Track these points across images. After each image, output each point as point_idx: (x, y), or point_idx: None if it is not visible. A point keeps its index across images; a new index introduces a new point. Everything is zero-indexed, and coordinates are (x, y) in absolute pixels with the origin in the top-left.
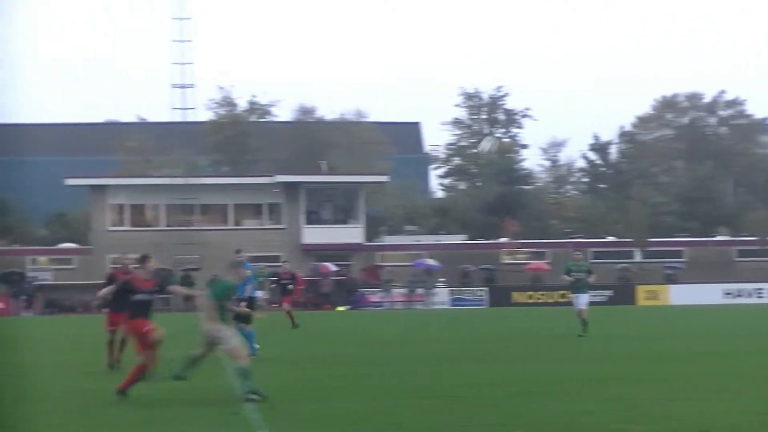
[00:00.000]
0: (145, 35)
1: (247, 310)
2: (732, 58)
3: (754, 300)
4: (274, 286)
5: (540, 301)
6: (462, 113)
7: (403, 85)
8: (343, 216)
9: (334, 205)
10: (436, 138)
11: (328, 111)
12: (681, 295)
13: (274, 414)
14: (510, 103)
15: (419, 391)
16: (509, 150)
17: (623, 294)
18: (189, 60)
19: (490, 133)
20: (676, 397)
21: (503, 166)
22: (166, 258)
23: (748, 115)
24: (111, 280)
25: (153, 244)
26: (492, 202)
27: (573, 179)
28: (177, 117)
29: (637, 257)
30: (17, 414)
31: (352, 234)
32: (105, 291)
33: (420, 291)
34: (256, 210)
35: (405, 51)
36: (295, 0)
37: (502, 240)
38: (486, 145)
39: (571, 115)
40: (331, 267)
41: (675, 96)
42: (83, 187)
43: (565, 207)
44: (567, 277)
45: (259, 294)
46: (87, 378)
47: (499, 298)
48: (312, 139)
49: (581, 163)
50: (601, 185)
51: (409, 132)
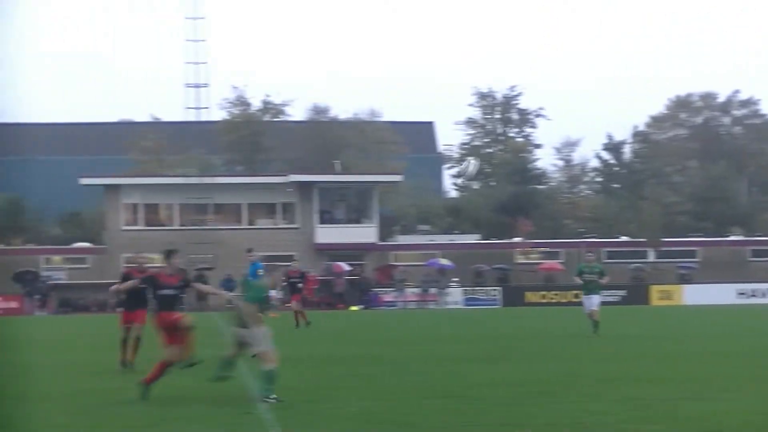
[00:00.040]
0: (159, 35)
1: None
2: (746, 57)
3: (767, 300)
4: (284, 285)
5: (553, 301)
6: (476, 113)
7: (416, 85)
8: (357, 215)
9: (348, 204)
10: (450, 138)
11: (342, 110)
12: (694, 295)
13: (286, 414)
14: (524, 103)
15: (432, 390)
16: (523, 150)
17: (637, 294)
18: (203, 60)
19: (474, 157)
20: (689, 397)
21: (517, 165)
22: (180, 257)
23: (762, 115)
24: (125, 279)
25: (167, 244)
26: (505, 202)
27: (586, 179)
28: (191, 116)
29: (651, 257)
30: (26, 413)
31: (365, 234)
32: (128, 285)
33: (433, 291)
34: (269, 209)
35: (419, 50)
36: None
37: (516, 240)
38: (468, 167)
39: (585, 115)
40: (345, 266)
41: (689, 96)
42: (97, 186)
43: (578, 207)
44: (578, 280)
45: (273, 293)
46: (99, 377)
47: (513, 297)
48: (325, 138)
49: (595, 162)
50: (615, 185)
51: (423, 131)
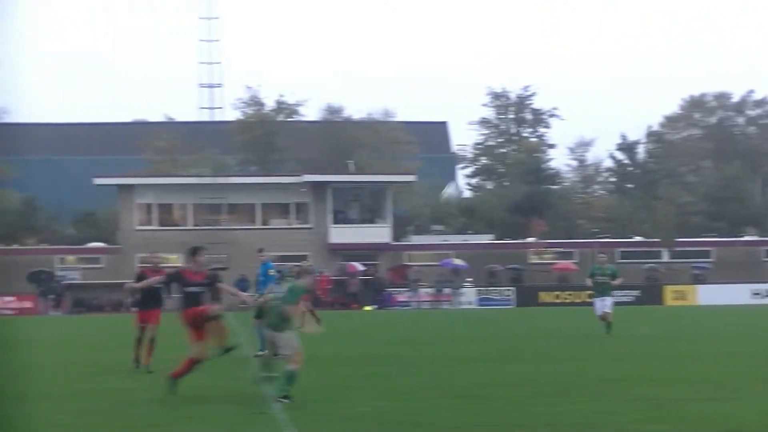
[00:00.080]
0: (173, 35)
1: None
2: (761, 57)
3: None
4: None
5: (567, 301)
6: (489, 113)
7: (430, 85)
8: (371, 215)
9: (362, 204)
10: (464, 138)
11: (356, 110)
12: (709, 295)
13: (300, 413)
14: (537, 103)
15: (445, 390)
16: (536, 150)
17: (651, 294)
18: (217, 60)
19: (455, 180)
20: (702, 398)
21: (531, 165)
22: (205, 255)
23: None
24: (140, 279)
25: (180, 244)
26: (519, 202)
27: (600, 179)
28: (205, 117)
29: (665, 257)
30: (34, 413)
31: (379, 234)
32: (145, 283)
33: (447, 291)
34: (283, 209)
35: (433, 50)
36: None
37: (530, 240)
38: (449, 191)
39: (599, 115)
40: (358, 266)
41: (703, 95)
42: (111, 186)
43: (592, 207)
44: (589, 281)
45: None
46: (112, 377)
47: (526, 298)
48: (339, 138)
49: (609, 162)
50: (629, 185)
51: (437, 131)
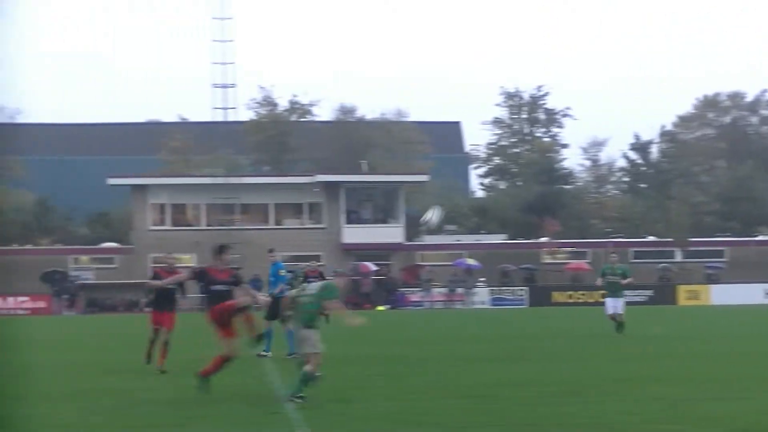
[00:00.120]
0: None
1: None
2: None
3: None
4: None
5: (580, 300)
6: (503, 113)
7: (443, 85)
8: (383, 215)
9: (374, 204)
10: (477, 137)
11: (369, 111)
12: (722, 295)
13: (313, 413)
14: (550, 103)
15: (458, 390)
16: (550, 150)
17: (664, 294)
18: (230, 60)
19: (437, 206)
20: (716, 398)
21: (544, 165)
22: (207, 257)
23: None
24: (155, 279)
25: (193, 244)
26: (532, 202)
27: (613, 179)
28: (218, 117)
29: (678, 257)
30: (52, 412)
31: (392, 233)
32: (176, 278)
33: (460, 290)
34: (296, 209)
35: (446, 50)
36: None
37: (543, 240)
38: (430, 215)
39: (612, 115)
40: (371, 266)
41: (717, 95)
42: (125, 186)
43: (605, 206)
44: (600, 281)
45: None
46: (126, 376)
47: (539, 297)
48: (352, 138)
49: (622, 162)
50: (642, 185)
51: (450, 131)
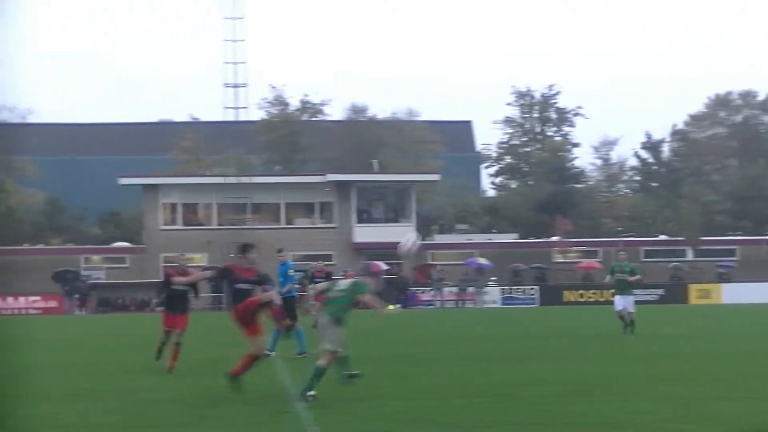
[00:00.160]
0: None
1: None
2: None
3: None
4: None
5: (591, 300)
6: (514, 112)
7: (454, 84)
8: (395, 215)
9: (386, 204)
10: (488, 137)
11: (380, 110)
12: (733, 293)
13: (323, 413)
14: (562, 102)
15: (469, 389)
16: (561, 149)
17: (675, 293)
18: (242, 59)
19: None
20: (728, 397)
21: (555, 164)
22: (218, 257)
23: None
24: (167, 279)
25: (205, 243)
26: (543, 201)
27: (625, 178)
28: (230, 116)
29: (689, 256)
30: (64, 411)
31: (403, 233)
32: (202, 275)
33: (471, 290)
34: (307, 209)
35: (457, 50)
36: None
37: (554, 239)
38: (409, 240)
39: (624, 114)
40: (382, 266)
41: (728, 94)
42: (136, 186)
43: (616, 205)
44: (607, 279)
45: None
46: (136, 376)
47: (550, 296)
48: (363, 138)
49: (633, 161)
50: (653, 184)
51: (461, 131)
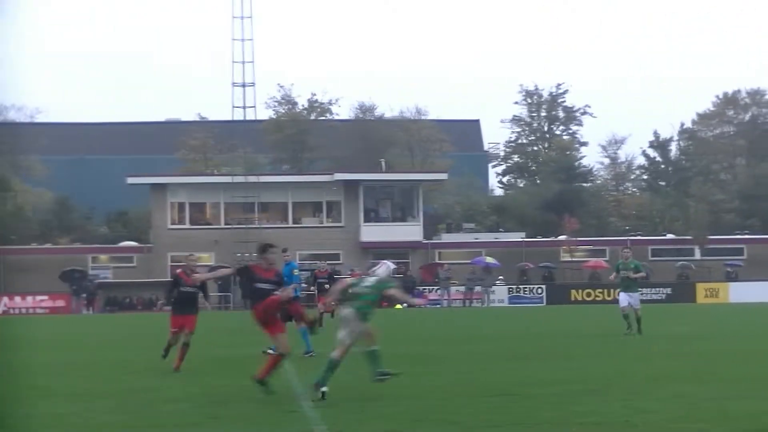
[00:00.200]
0: (206, 34)
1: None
2: None
3: None
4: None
5: (598, 298)
6: (522, 111)
7: (462, 83)
8: (402, 214)
9: (393, 203)
10: (496, 135)
11: (388, 109)
12: (741, 292)
13: (331, 412)
14: (569, 100)
15: (477, 388)
16: (569, 147)
17: (683, 291)
18: (249, 59)
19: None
20: (736, 396)
21: (562, 163)
22: (226, 256)
23: None
24: (176, 280)
25: (212, 242)
26: (551, 200)
27: (633, 176)
28: (238, 115)
29: (697, 255)
30: (74, 411)
31: (410, 232)
32: (221, 272)
33: (478, 289)
34: (315, 208)
35: (464, 48)
36: None
37: (561, 237)
38: (378, 267)
39: (631, 112)
40: (390, 265)
41: (736, 92)
42: (144, 185)
43: (624, 204)
44: (612, 278)
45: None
46: (142, 375)
47: (558, 295)
48: (371, 137)
49: (641, 160)
50: (661, 182)
51: (469, 130)
